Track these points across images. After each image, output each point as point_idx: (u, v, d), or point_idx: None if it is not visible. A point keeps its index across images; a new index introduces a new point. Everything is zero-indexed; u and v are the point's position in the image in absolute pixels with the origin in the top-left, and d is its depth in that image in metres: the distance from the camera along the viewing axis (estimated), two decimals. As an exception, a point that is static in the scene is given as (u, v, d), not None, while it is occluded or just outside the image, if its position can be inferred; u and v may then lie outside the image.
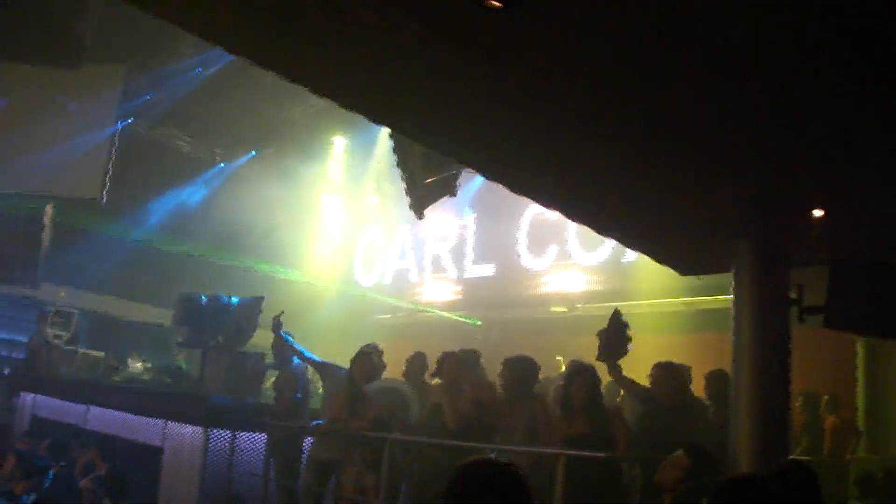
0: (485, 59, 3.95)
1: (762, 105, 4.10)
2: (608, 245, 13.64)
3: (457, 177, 9.02)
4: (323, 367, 9.54)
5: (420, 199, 9.40)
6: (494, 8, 3.26)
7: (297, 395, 9.43)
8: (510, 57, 3.89)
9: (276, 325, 9.58)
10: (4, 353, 15.13)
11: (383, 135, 14.95)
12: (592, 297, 14.20)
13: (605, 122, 4.60)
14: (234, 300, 10.98)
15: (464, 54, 3.91)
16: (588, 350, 7.65)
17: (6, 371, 14.28)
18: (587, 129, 4.73)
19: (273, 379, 10.05)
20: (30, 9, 12.15)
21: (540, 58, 3.88)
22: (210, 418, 9.40)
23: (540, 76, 4.09)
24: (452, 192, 9.30)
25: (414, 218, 9.61)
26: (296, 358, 9.71)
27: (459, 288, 16.85)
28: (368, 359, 8.85)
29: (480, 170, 7.57)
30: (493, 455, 6.77)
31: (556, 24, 3.50)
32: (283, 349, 9.66)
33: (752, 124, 4.35)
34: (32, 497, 7.79)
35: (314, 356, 9.58)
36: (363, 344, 9.22)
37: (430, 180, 8.95)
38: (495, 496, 2.37)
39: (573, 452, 6.36)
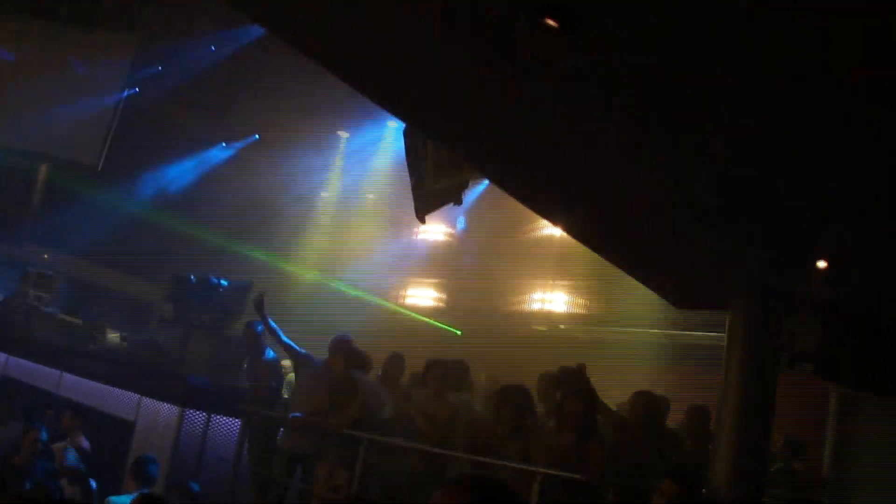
0: (526, 74, 3.91)
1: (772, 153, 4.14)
2: (595, 271, 13.55)
3: (465, 185, 8.96)
4: (300, 357, 9.44)
5: (425, 203, 9.32)
6: (551, 28, 3.20)
7: (273, 384, 9.38)
8: (551, 74, 3.85)
9: (259, 304, 9.47)
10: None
11: (388, 133, 14.93)
12: (576, 318, 14.18)
13: (639, 157, 4.60)
14: (223, 282, 10.95)
15: (504, 66, 3.87)
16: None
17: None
18: (622, 160, 4.73)
19: (246, 366, 9.96)
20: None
21: (585, 83, 3.86)
22: (187, 398, 9.34)
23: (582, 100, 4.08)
24: (458, 201, 9.22)
25: (408, 221, 9.59)
26: (269, 351, 9.64)
27: (444, 295, 16.81)
28: (354, 352, 8.80)
29: (498, 182, 7.49)
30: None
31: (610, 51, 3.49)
32: (255, 338, 9.59)
33: (763, 174, 4.38)
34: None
35: (293, 344, 9.48)
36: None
37: (438, 186, 8.89)
38: None
39: (550, 472, 6.37)
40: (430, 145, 8.14)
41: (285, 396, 9.89)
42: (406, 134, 8.96)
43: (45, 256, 15.95)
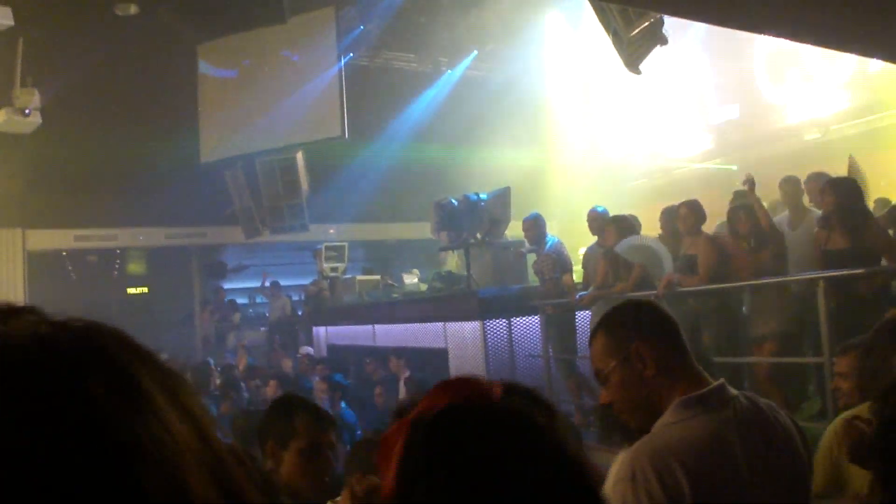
0: None
1: None
2: (850, 59, 12.75)
3: (661, 23, 8.80)
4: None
5: (631, 54, 9.26)
6: None
7: (556, 275, 9.66)
8: None
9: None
10: (296, 297, 16.41)
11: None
12: (844, 116, 13.41)
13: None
14: (483, 196, 11.26)
15: None
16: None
17: (300, 312, 15.56)
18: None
19: (533, 262, 10.32)
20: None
21: None
22: (483, 312, 9.83)
23: None
24: (662, 41, 9.09)
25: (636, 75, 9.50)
26: (550, 238, 9.97)
27: (709, 136, 16.40)
28: (617, 219, 9.05)
29: (678, 12, 7.31)
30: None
31: None
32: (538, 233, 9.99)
33: None
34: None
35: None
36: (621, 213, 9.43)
37: (634, 33, 8.80)
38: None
39: (831, 273, 6.25)
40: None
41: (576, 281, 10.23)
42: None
43: (332, 231, 17.18)
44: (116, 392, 0.62)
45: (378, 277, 14.09)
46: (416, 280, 13.57)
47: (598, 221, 9.54)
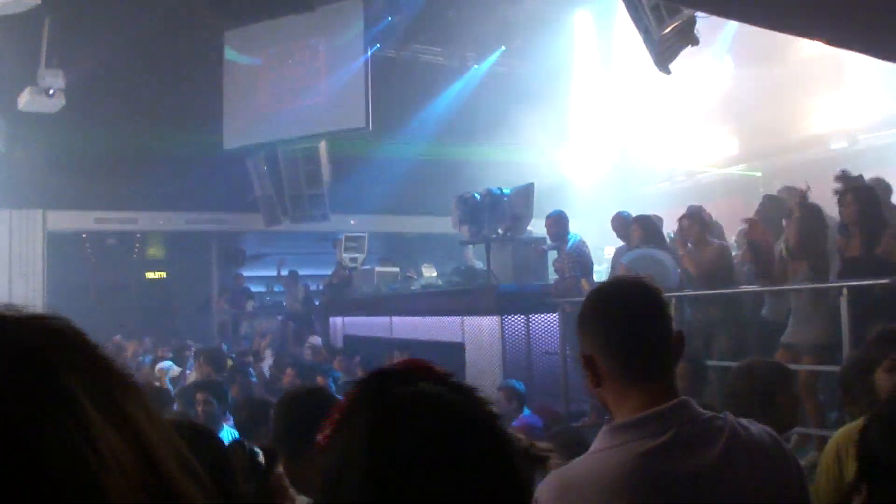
0: None
1: None
2: (882, 67, 12.56)
3: (693, 23, 8.72)
4: None
5: (661, 53, 9.18)
6: None
7: (577, 273, 9.58)
8: None
9: None
10: (313, 286, 16.40)
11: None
12: (873, 126, 13.25)
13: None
14: (506, 191, 11.19)
15: None
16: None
17: (316, 303, 15.54)
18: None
19: (554, 260, 10.25)
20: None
21: None
22: (501, 307, 9.77)
23: None
24: (693, 41, 9.00)
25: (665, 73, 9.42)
26: (572, 236, 9.91)
27: (734, 141, 16.25)
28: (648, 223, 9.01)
29: (713, 9, 7.21)
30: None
31: None
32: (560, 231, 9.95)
33: None
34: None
35: None
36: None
37: (665, 31, 8.71)
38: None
39: (849, 283, 6.15)
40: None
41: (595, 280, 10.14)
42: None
43: (352, 222, 17.14)
44: (35, 397, 0.59)
45: (397, 269, 14.07)
46: (434, 273, 13.50)
47: (624, 226, 9.50)
